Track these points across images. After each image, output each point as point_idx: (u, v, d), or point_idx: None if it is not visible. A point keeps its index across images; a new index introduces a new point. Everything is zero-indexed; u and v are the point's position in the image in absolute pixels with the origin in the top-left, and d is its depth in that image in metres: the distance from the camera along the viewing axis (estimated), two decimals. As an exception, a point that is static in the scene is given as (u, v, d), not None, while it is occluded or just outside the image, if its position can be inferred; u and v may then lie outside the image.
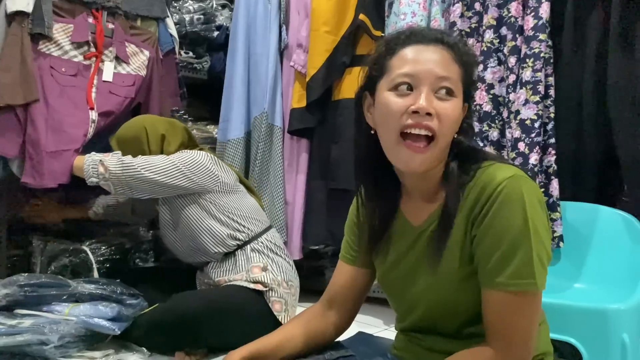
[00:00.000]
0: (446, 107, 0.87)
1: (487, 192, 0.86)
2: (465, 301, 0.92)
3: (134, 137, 1.99)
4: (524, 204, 0.83)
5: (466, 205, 0.89)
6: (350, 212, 1.13)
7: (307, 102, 2.36)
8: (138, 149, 1.98)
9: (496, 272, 0.84)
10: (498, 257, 0.84)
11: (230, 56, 2.57)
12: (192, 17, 2.72)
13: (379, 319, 2.17)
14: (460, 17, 1.99)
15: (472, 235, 0.88)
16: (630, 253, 1.66)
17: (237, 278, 1.85)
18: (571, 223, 1.80)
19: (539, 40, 1.79)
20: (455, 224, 0.90)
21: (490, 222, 0.85)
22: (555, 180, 1.79)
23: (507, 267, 0.83)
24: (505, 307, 0.84)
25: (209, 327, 1.68)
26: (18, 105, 1.92)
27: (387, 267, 1.03)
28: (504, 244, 0.83)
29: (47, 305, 1.65)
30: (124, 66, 2.23)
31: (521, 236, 0.83)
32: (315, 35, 2.34)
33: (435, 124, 0.86)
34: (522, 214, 0.83)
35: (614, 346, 1.40)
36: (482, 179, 0.87)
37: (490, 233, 0.85)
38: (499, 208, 0.84)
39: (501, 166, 0.88)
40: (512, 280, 0.83)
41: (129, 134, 2.00)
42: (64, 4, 2.07)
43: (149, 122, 2.03)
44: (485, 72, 1.92)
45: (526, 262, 0.83)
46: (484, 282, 0.87)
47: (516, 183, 0.84)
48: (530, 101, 1.78)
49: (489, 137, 1.92)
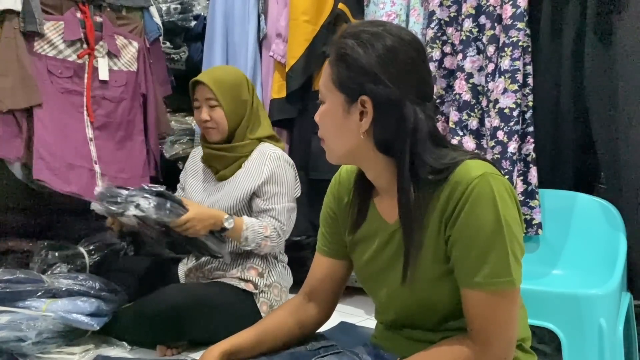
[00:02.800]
0: (319, 113, 0.93)
1: (457, 192, 0.86)
2: (440, 299, 0.92)
3: (235, 83, 1.90)
4: (495, 201, 0.84)
5: (439, 204, 0.88)
6: (325, 204, 1.11)
7: (287, 92, 2.34)
8: (237, 95, 1.89)
9: (473, 272, 0.85)
10: (474, 257, 0.85)
11: (208, 46, 2.54)
12: (169, 7, 2.68)
13: (361, 308, 2.18)
14: (440, 5, 1.99)
15: (447, 236, 0.88)
16: (608, 239, 1.69)
17: (232, 274, 1.84)
18: (550, 210, 1.82)
19: (517, 29, 1.79)
20: (430, 224, 0.89)
21: (463, 222, 0.85)
22: (534, 168, 1.81)
23: (483, 266, 0.84)
24: (485, 305, 0.85)
25: (193, 321, 1.67)
26: (19, 109, 1.90)
27: (364, 263, 1.02)
28: (479, 243, 0.84)
29: (22, 302, 1.62)
30: (116, 61, 2.22)
31: (495, 234, 0.84)
32: (294, 25, 2.32)
33: (320, 130, 0.94)
34: (494, 212, 0.84)
35: (591, 331, 1.42)
36: (453, 178, 0.87)
37: (464, 234, 0.85)
38: (470, 208, 0.84)
39: (471, 163, 0.87)
40: (489, 279, 0.84)
41: (229, 78, 1.90)
42: (50, 0, 2.04)
43: (242, 73, 2.01)
44: (464, 61, 1.92)
45: (502, 260, 0.84)
46: (461, 282, 0.87)
47: (486, 181, 0.84)
48: (509, 90, 1.79)
49: (469, 126, 1.93)
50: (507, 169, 1.77)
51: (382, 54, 0.86)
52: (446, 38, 2.00)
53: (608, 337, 1.42)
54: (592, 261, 1.70)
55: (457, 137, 1.92)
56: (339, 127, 0.90)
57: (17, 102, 1.89)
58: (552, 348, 1.66)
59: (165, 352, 1.69)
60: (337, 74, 0.89)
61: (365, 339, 1.11)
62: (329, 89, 0.90)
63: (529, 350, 1.00)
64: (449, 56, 2.01)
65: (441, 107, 2.02)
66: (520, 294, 0.89)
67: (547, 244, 1.80)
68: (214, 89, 1.84)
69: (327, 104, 0.91)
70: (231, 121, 1.87)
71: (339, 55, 0.89)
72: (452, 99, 1.96)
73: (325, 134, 0.93)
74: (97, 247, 2.15)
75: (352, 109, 0.88)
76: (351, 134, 0.89)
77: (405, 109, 0.85)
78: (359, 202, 1.01)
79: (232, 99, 1.87)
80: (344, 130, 0.89)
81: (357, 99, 0.87)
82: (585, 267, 1.70)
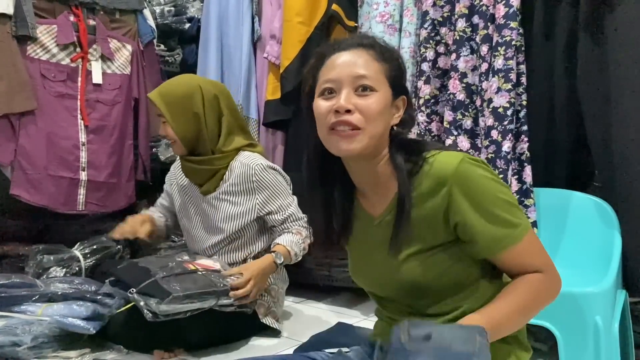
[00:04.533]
0: (366, 102, 0.96)
1: (445, 182, 0.94)
2: (432, 279, 0.97)
3: (184, 96, 1.78)
4: (480, 175, 0.94)
5: (420, 194, 0.96)
6: None
7: (282, 93, 2.35)
8: (186, 110, 1.78)
9: (499, 237, 0.94)
10: (492, 223, 0.93)
11: (202, 48, 2.54)
12: (163, 9, 2.68)
13: (358, 309, 2.18)
14: (433, 6, 2.00)
15: (454, 224, 0.95)
16: (602, 237, 1.69)
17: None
18: (544, 209, 1.83)
19: (510, 29, 1.80)
20: (416, 213, 0.96)
21: (464, 204, 0.93)
22: (528, 167, 1.81)
23: (497, 231, 0.93)
24: (518, 256, 0.96)
25: (189, 325, 1.66)
26: (14, 113, 1.90)
27: (356, 259, 1.09)
28: (487, 211, 0.93)
29: (18, 306, 1.62)
30: (109, 64, 2.23)
31: (492, 196, 0.93)
32: (288, 26, 2.32)
33: (357, 118, 0.95)
34: (483, 181, 0.94)
35: (587, 329, 1.43)
36: (433, 170, 0.95)
37: (469, 214, 0.93)
38: (464, 191, 0.93)
39: (447, 154, 0.96)
40: (509, 239, 0.94)
41: (178, 92, 1.79)
42: (43, 4, 2.06)
43: (201, 81, 1.86)
44: (458, 60, 1.93)
45: (510, 215, 0.94)
46: (490, 252, 0.96)
47: (468, 164, 0.94)
48: (503, 89, 1.79)
49: (463, 126, 1.93)
50: (501, 168, 1.78)
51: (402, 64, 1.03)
52: (440, 38, 2.01)
53: (604, 335, 1.42)
54: (587, 259, 1.71)
55: (451, 137, 1.93)
56: (383, 114, 0.97)
57: (13, 106, 1.90)
58: (549, 346, 1.67)
59: (162, 356, 1.68)
60: (390, 71, 0.99)
61: (363, 339, 1.12)
62: (382, 82, 0.98)
63: (525, 343, 1.03)
64: (442, 56, 2.01)
65: (435, 106, 2.02)
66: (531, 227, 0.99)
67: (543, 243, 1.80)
68: (159, 106, 1.78)
69: (381, 93, 0.97)
70: (183, 137, 1.80)
71: (391, 57, 1.01)
72: (447, 99, 1.97)
73: (367, 120, 0.96)
74: (92, 251, 2.14)
75: (394, 103, 1.00)
76: (386, 124, 0.99)
77: (415, 111, 0.95)
78: (343, 211, 1.06)
79: (180, 114, 1.78)
80: (384, 118, 0.98)
81: (399, 96, 1.01)
82: (580, 265, 1.71)
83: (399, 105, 1.01)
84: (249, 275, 1.70)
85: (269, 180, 1.84)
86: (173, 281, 1.59)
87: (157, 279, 1.59)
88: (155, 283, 1.58)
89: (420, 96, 2.01)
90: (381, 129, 0.97)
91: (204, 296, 1.61)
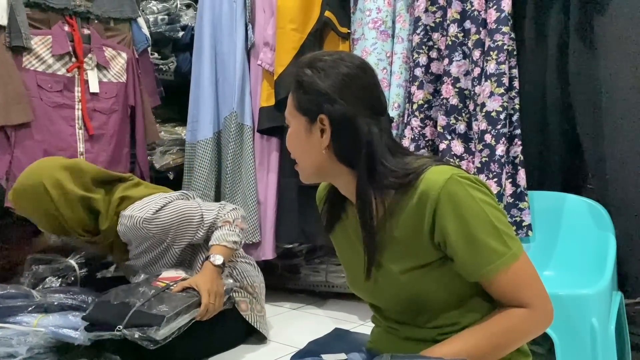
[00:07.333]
0: (287, 137, 1.03)
1: (431, 200, 0.90)
2: (426, 293, 0.96)
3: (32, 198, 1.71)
4: (469, 195, 0.89)
5: (410, 207, 0.93)
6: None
7: (276, 100, 2.35)
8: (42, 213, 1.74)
9: (478, 265, 0.89)
10: (471, 250, 0.89)
11: (196, 56, 2.54)
12: (157, 18, 2.67)
13: (354, 314, 2.17)
14: (425, 12, 2.01)
15: (437, 243, 0.92)
16: (597, 239, 1.70)
17: None
18: (539, 212, 1.83)
19: (502, 33, 1.82)
20: (401, 224, 0.94)
21: (449, 225, 0.89)
22: (522, 171, 1.82)
23: (483, 255, 0.89)
24: (505, 283, 0.90)
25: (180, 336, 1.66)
26: (10, 125, 1.89)
27: (353, 272, 1.07)
28: (470, 236, 0.88)
29: (14, 317, 1.61)
30: (105, 73, 2.23)
31: (479, 222, 0.88)
32: (281, 33, 2.32)
33: (291, 153, 1.04)
34: (471, 202, 0.89)
35: (583, 331, 1.43)
36: (422, 186, 0.91)
37: (452, 236, 0.89)
38: (447, 211, 0.89)
39: (436, 169, 0.92)
40: (494, 264, 0.88)
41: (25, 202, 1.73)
42: (37, 14, 2.05)
43: (45, 172, 1.71)
44: (450, 65, 1.94)
45: (496, 241, 0.88)
46: (474, 276, 0.91)
47: (455, 181, 0.89)
48: (495, 93, 1.80)
49: (456, 130, 1.94)
50: (495, 172, 1.79)
51: (335, 78, 0.96)
52: (432, 43, 2.02)
53: (600, 337, 1.43)
54: (582, 261, 1.72)
55: (445, 141, 1.94)
56: (304, 146, 0.99)
57: (10, 118, 1.89)
58: (545, 349, 1.67)
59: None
60: (297, 100, 0.99)
61: (361, 344, 1.11)
62: (293, 115, 1.01)
63: (524, 348, 1.01)
64: (435, 61, 2.02)
65: (429, 111, 2.04)
66: (527, 257, 0.93)
67: (537, 246, 1.82)
68: (18, 212, 1.81)
69: (292, 127, 1.01)
70: (54, 232, 1.82)
71: (297, 83, 0.99)
72: (440, 104, 1.98)
73: (294, 154, 1.02)
74: (88, 260, 2.13)
75: (314, 128, 0.98)
76: (315, 151, 0.98)
77: (359, 123, 0.94)
78: (330, 212, 1.09)
79: (37, 217, 1.77)
80: (308, 148, 0.99)
81: (316, 118, 0.97)
82: (575, 267, 1.72)
83: (322, 126, 0.96)
84: (204, 289, 1.66)
85: (163, 226, 1.75)
86: (156, 304, 1.56)
87: (140, 309, 1.54)
88: (139, 313, 1.53)
89: (414, 101, 2.02)
90: (311, 157, 0.99)
91: (189, 308, 1.61)
